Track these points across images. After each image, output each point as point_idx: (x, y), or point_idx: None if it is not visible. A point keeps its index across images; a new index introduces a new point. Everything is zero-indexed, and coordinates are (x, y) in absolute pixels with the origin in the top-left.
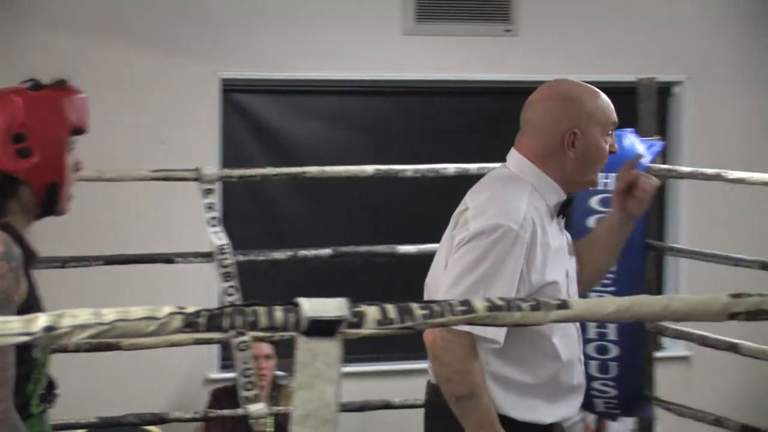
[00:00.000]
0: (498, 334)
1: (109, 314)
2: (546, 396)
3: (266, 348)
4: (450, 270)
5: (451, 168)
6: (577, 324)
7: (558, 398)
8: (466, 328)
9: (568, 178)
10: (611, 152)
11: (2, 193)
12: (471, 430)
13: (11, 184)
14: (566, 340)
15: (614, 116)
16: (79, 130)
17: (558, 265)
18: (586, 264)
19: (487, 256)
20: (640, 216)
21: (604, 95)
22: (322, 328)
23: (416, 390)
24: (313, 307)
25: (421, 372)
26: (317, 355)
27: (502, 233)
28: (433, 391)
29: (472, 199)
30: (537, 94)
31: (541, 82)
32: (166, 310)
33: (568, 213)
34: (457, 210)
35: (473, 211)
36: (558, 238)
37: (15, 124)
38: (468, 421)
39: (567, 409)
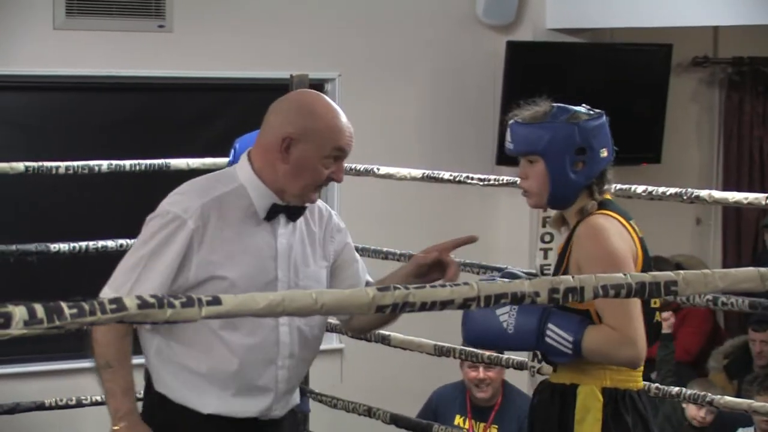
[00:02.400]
0: None
1: None
2: (214, 387)
3: None
4: None
5: (104, 164)
6: (287, 329)
7: (231, 393)
8: None
9: (279, 185)
10: (333, 179)
11: None
12: (106, 399)
13: None
14: (251, 339)
15: (341, 143)
16: None
17: (242, 264)
18: None
19: (150, 239)
20: None
21: (343, 122)
22: None
23: (69, 390)
24: None
25: (75, 371)
26: None
27: (169, 219)
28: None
29: None
30: (284, 97)
31: (195, 79)
32: None
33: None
34: None
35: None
36: (263, 239)
37: None
38: (103, 389)
39: (240, 407)
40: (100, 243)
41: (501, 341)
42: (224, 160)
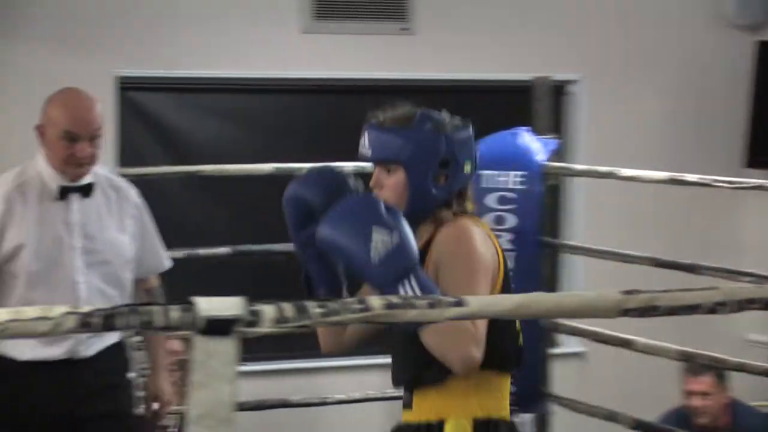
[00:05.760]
0: None
1: (2, 314)
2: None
3: (175, 344)
4: None
5: (349, 166)
6: (84, 286)
7: (40, 342)
8: None
9: (55, 163)
10: (76, 155)
11: None
12: None
13: None
14: (53, 295)
15: (67, 127)
16: None
17: (41, 236)
18: None
19: None
20: None
21: (76, 107)
22: (218, 327)
23: (314, 388)
24: (209, 306)
25: (319, 370)
26: (213, 355)
27: None
28: None
29: None
30: None
31: (437, 81)
32: (60, 309)
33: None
34: None
35: None
36: (58, 214)
37: None
38: None
39: (50, 352)
40: None
41: (356, 260)
42: None
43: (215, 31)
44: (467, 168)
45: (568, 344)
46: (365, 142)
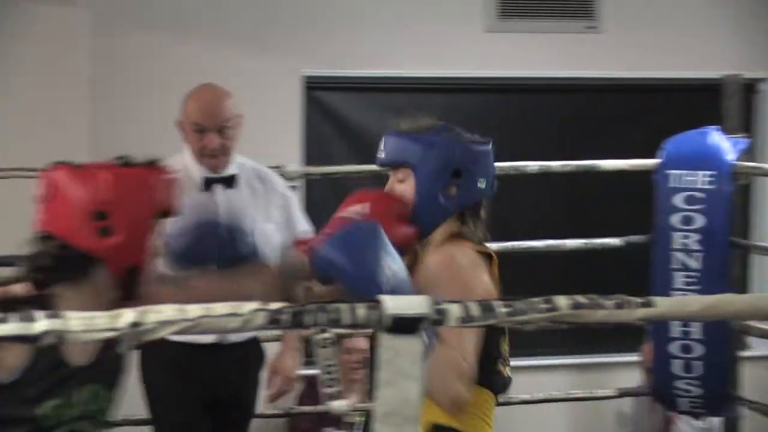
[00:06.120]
0: None
1: (194, 310)
2: None
3: (361, 342)
4: None
5: (533, 166)
6: None
7: None
8: None
9: (195, 156)
10: (206, 146)
11: (72, 271)
12: None
13: (85, 263)
14: None
15: (195, 119)
16: (166, 213)
17: (175, 224)
18: None
19: None
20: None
21: (202, 102)
22: (404, 325)
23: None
24: (395, 304)
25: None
26: (400, 353)
27: None
28: None
29: None
30: None
31: (623, 80)
32: (250, 306)
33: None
34: None
35: None
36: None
37: (99, 201)
38: None
39: (200, 335)
40: (527, 243)
41: (368, 289)
42: (653, 161)
43: (400, 31)
44: (481, 184)
45: (758, 347)
46: (381, 147)
